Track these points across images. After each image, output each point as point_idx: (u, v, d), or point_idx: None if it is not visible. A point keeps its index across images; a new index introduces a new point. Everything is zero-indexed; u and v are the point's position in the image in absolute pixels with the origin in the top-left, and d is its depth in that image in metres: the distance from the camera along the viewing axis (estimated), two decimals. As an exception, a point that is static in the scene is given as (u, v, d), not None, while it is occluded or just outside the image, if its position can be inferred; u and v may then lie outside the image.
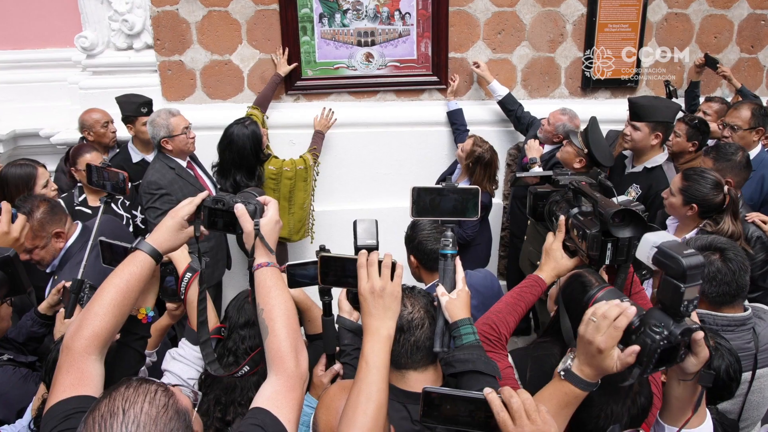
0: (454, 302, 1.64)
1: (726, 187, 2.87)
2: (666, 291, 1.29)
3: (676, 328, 1.27)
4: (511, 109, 4.56)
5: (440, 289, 1.67)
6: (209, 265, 3.77)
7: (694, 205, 2.84)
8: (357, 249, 1.61)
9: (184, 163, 3.82)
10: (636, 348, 1.34)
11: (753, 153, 3.64)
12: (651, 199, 3.41)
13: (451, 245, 1.68)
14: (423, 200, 1.65)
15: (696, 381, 1.39)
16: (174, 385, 1.43)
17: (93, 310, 1.46)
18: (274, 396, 1.36)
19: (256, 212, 1.58)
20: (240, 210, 1.56)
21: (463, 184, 4.04)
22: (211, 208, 1.62)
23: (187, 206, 1.63)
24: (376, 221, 1.69)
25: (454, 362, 1.56)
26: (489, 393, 1.25)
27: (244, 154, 3.81)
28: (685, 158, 3.85)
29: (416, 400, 1.58)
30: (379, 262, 1.53)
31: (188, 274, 1.98)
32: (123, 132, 4.37)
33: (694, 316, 1.38)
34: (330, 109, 4.47)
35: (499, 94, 4.57)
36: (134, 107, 4.10)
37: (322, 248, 1.76)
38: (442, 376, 1.68)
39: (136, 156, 4.23)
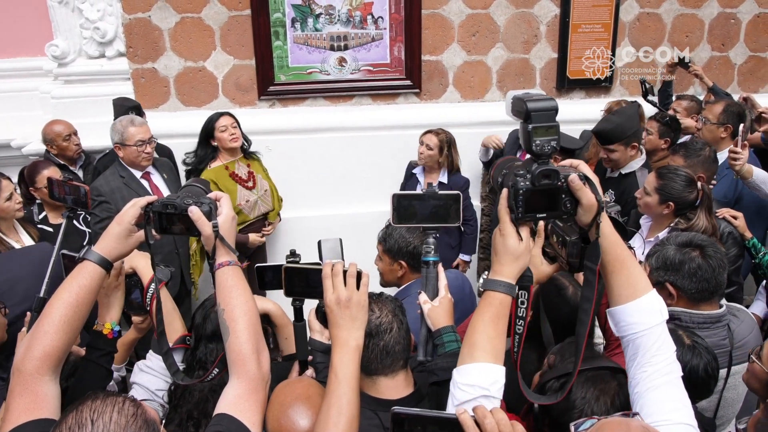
0: (437, 310, 1.63)
1: (699, 183, 2.90)
2: (521, 133, 1.34)
3: (538, 168, 1.29)
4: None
5: (422, 297, 1.66)
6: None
7: (671, 203, 2.86)
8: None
9: (138, 174, 3.76)
10: (504, 191, 1.36)
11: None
12: (623, 203, 3.45)
13: (433, 252, 1.66)
14: (403, 207, 1.63)
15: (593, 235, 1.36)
16: (143, 401, 1.41)
17: (42, 328, 1.39)
18: (236, 400, 1.34)
19: (212, 212, 1.53)
20: (195, 214, 1.50)
21: (442, 178, 4.14)
22: (161, 212, 1.54)
23: (131, 209, 1.55)
24: (341, 240, 1.67)
25: (437, 370, 1.55)
26: (461, 413, 1.21)
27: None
28: (658, 155, 3.87)
29: (387, 407, 1.57)
30: (344, 272, 1.51)
31: (153, 286, 1.94)
32: (89, 141, 4.31)
33: (587, 170, 1.36)
34: None
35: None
36: (123, 110, 4.05)
37: (293, 253, 1.73)
38: (413, 381, 1.66)
39: None
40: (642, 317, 1.37)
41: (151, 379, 1.99)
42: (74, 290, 1.45)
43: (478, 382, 1.30)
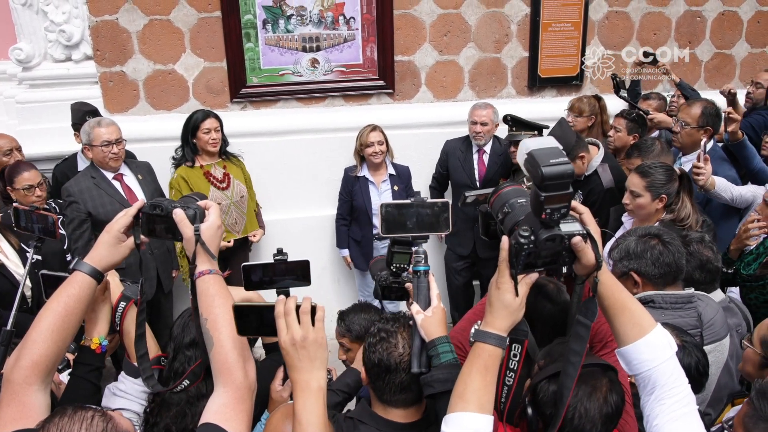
0: (430, 320, 1.58)
1: (677, 168, 2.97)
2: (532, 197, 1.29)
3: (543, 233, 1.27)
4: None
5: (415, 307, 1.62)
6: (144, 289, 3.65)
7: (664, 196, 2.92)
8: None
9: (110, 175, 3.75)
10: (505, 241, 1.35)
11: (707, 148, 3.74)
12: (592, 200, 3.56)
13: (423, 261, 1.64)
14: (392, 217, 1.60)
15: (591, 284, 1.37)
16: (114, 410, 1.38)
17: (31, 338, 1.39)
18: (222, 409, 1.32)
19: (196, 217, 1.52)
20: (179, 215, 1.49)
21: (390, 170, 4.28)
22: (149, 214, 1.55)
23: (122, 218, 1.55)
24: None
25: (433, 382, 1.50)
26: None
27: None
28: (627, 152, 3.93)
29: (399, 430, 1.58)
30: (297, 308, 1.43)
31: (122, 304, 1.90)
32: (56, 147, 4.18)
33: (590, 221, 1.37)
34: None
35: None
36: (80, 115, 3.96)
37: (280, 251, 1.69)
38: (424, 409, 1.64)
39: (82, 164, 4.08)
40: (654, 353, 1.41)
41: (124, 403, 1.94)
42: (62, 300, 1.45)
43: None
